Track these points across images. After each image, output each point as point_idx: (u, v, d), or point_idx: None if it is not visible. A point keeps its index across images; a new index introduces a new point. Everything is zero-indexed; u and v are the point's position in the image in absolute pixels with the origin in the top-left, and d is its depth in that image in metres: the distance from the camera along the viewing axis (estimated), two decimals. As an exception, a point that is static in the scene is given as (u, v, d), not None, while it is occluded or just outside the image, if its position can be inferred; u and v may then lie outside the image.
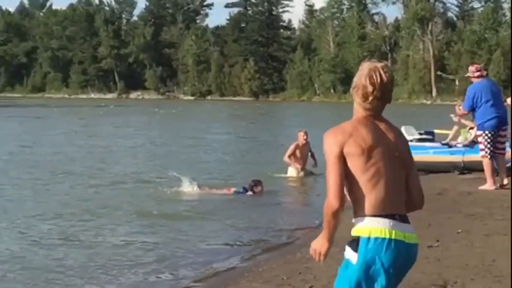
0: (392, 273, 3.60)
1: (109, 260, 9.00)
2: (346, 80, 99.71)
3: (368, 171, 3.64)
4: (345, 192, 3.70)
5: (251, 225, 11.49)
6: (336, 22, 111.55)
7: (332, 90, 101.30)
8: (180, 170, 15.95)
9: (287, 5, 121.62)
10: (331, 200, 3.62)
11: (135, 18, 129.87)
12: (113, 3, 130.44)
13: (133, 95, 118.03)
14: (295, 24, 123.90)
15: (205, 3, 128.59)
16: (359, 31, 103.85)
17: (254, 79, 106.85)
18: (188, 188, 14.49)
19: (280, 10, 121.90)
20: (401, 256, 3.62)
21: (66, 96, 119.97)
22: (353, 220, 3.71)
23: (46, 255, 9.37)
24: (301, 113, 56.96)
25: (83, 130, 35.65)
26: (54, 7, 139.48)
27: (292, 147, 16.77)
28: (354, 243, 3.64)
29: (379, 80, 3.70)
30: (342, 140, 3.67)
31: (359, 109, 3.79)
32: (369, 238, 3.59)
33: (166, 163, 20.28)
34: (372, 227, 3.60)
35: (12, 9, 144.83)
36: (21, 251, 9.61)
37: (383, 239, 3.58)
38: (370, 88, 3.70)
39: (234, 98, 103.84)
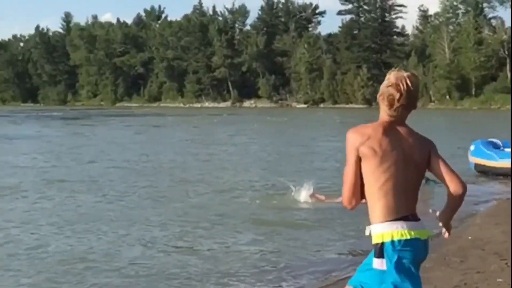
0: (416, 269, 3.81)
1: (230, 268, 9.05)
2: (462, 86, 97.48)
3: (381, 174, 3.80)
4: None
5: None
6: (451, 27, 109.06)
7: (447, 97, 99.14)
8: (295, 178, 15.90)
9: (401, 11, 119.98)
10: (345, 203, 3.93)
11: (248, 27, 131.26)
12: (226, 13, 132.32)
13: (247, 103, 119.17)
14: (409, 30, 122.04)
15: (317, 11, 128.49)
16: (475, 36, 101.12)
17: (367, 86, 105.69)
18: (304, 196, 14.40)
19: (393, 16, 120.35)
20: (421, 253, 3.84)
21: (181, 105, 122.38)
22: (370, 227, 3.86)
23: (166, 261, 9.50)
24: (416, 120, 55.73)
25: (198, 139, 36.22)
26: (169, 18, 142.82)
27: None
28: (378, 250, 3.79)
29: (405, 89, 3.84)
30: (360, 141, 3.85)
31: (384, 115, 3.94)
32: (392, 242, 3.75)
33: (280, 171, 20.27)
34: (393, 231, 3.76)
35: (129, 21, 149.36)
36: (142, 257, 9.78)
37: (406, 240, 3.76)
38: (396, 97, 3.85)
39: (347, 106, 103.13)
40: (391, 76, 3.92)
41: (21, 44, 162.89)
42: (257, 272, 8.83)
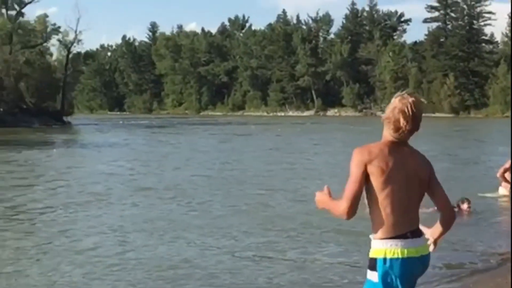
0: (407, 284, 4.02)
1: (318, 279, 8.88)
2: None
3: (385, 193, 4.01)
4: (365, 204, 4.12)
5: (457, 246, 10.92)
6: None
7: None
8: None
9: (489, 18, 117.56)
10: (343, 212, 4.07)
11: (332, 35, 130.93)
12: (310, 21, 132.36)
13: (330, 112, 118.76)
14: (498, 37, 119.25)
15: (402, 19, 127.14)
16: None
17: (454, 95, 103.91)
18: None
19: (482, 23, 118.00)
20: (415, 269, 4.05)
21: (265, 114, 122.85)
22: (372, 241, 4.13)
23: (254, 271, 9.41)
24: (505, 130, 54.38)
25: (281, 147, 36.13)
26: (253, 27, 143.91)
27: (506, 165, 15.68)
28: (372, 263, 4.06)
29: (411, 114, 4.04)
30: (368, 159, 4.03)
31: (388, 136, 4.14)
32: (385, 259, 4.00)
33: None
34: (386, 248, 4.01)
35: (214, 30, 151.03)
36: (229, 266, 9.71)
37: (397, 259, 3.99)
38: (402, 123, 4.05)
39: (433, 115, 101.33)
40: (397, 101, 4.09)
41: (108, 54, 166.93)
42: (347, 284, 8.65)
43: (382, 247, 4.04)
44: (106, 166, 25.86)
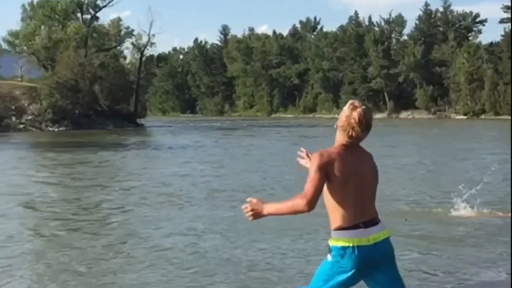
0: (358, 271, 4.50)
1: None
2: None
3: (343, 191, 4.51)
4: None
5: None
6: None
7: None
8: (454, 190, 15.25)
9: None
10: (304, 205, 4.46)
11: (405, 37, 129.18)
12: (383, 23, 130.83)
13: (403, 114, 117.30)
14: None
15: (477, 20, 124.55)
16: None
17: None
18: (464, 210, 13.79)
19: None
20: (368, 256, 4.49)
21: (337, 116, 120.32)
22: (332, 232, 4.59)
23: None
24: None
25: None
26: (324, 29, 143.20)
27: None
28: (329, 249, 4.58)
29: (363, 121, 4.54)
30: (327, 162, 4.50)
31: (343, 141, 4.63)
32: (338, 247, 4.51)
33: (439, 183, 19.60)
34: (341, 238, 4.51)
35: (285, 33, 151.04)
36: (309, 269, 9.61)
37: (348, 247, 4.48)
38: (356, 130, 4.55)
39: (509, 118, 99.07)
40: (349, 110, 4.59)
41: (181, 57, 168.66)
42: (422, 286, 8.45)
43: (337, 237, 4.53)
44: (179, 167, 26.07)
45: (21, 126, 67.66)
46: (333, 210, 4.57)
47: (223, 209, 15.29)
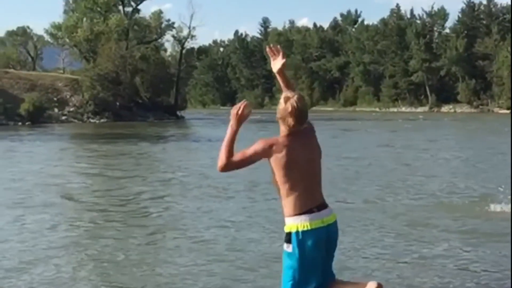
0: (318, 250, 4.77)
1: (450, 280, 8.56)
2: None
3: (291, 178, 4.76)
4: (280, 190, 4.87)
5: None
6: None
7: None
8: (500, 185, 14.96)
9: None
10: (221, 164, 4.98)
11: (447, 30, 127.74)
12: (425, 16, 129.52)
13: (445, 108, 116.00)
14: None
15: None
16: None
17: None
18: (507, 206, 13.50)
19: None
20: (323, 235, 4.78)
21: (377, 109, 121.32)
22: (285, 219, 4.84)
23: (375, 268, 9.15)
24: None
25: (395, 144, 35.45)
26: (366, 22, 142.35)
27: None
28: (287, 237, 4.80)
29: (299, 109, 4.79)
30: (272, 150, 4.78)
31: (285, 131, 4.86)
32: (297, 232, 4.73)
33: (484, 177, 19.27)
34: (298, 223, 4.74)
35: (325, 25, 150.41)
36: (362, 263, 9.51)
37: (307, 230, 4.73)
38: (294, 119, 4.79)
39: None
40: (282, 102, 4.85)
41: (221, 49, 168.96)
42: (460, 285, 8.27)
43: (294, 223, 4.76)
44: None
45: (63, 117, 68.44)
46: (286, 198, 4.80)
47: (265, 202, 15.19)
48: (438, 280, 8.55)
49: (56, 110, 69.14)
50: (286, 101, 4.84)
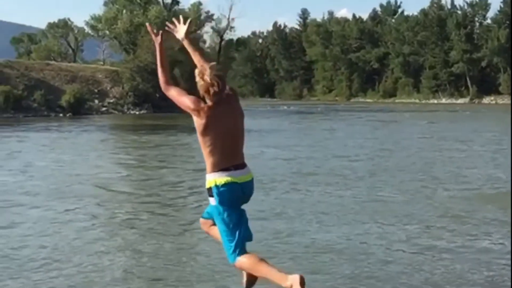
0: (236, 202, 5.09)
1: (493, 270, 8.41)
2: None
3: (213, 138, 5.04)
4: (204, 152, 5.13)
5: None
6: None
7: None
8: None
9: None
10: (162, 82, 5.34)
11: (488, 21, 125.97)
12: (466, 6, 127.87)
13: (486, 100, 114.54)
14: None
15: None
16: None
17: None
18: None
19: None
20: (238, 191, 5.07)
21: (417, 101, 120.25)
22: (206, 176, 5.07)
23: (414, 258, 9.06)
24: None
25: (436, 135, 35.11)
26: (405, 13, 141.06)
27: None
28: (209, 192, 5.06)
29: (216, 80, 5.01)
30: (199, 113, 5.00)
31: (209, 102, 5.04)
32: (216, 186, 5.04)
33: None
34: (216, 179, 5.05)
35: (365, 16, 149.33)
36: (384, 254, 9.41)
37: (224, 184, 5.03)
38: (214, 89, 5.01)
39: None
40: (200, 78, 5.08)
41: (260, 41, 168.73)
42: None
43: (213, 178, 5.06)
44: (259, 150, 25.95)
45: (104, 108, 68.97)
46: (208, 157, 5.09)
47: (311, 192, 15.17)
48: (486, 274, 8.45)
49: (96, 101, 69.74)
50: (201, 77, 5.09)
